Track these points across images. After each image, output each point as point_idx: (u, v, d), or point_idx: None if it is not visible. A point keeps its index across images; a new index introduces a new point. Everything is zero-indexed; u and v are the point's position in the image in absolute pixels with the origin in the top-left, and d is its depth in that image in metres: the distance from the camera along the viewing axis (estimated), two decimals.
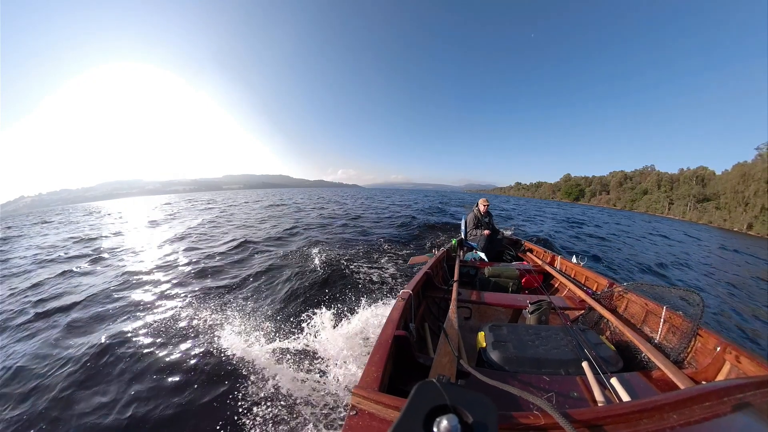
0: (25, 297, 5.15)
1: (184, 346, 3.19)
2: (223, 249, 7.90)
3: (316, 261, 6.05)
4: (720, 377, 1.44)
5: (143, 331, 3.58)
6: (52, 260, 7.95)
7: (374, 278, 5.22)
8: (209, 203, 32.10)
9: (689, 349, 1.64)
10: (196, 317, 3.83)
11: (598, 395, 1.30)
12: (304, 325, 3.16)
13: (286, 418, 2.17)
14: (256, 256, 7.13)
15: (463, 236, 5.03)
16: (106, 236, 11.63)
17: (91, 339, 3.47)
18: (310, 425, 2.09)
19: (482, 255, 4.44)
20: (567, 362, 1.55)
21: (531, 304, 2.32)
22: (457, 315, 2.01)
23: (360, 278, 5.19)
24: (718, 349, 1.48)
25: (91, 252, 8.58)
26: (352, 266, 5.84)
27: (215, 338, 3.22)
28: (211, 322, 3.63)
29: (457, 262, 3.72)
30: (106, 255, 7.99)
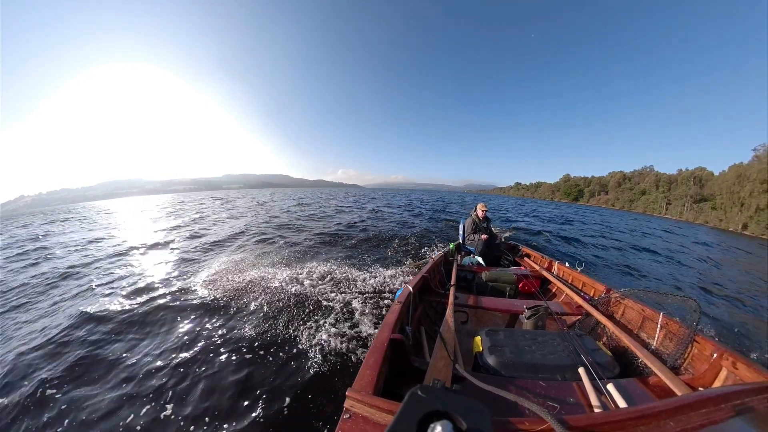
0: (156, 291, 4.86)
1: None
2: (306, 236, 9.20)
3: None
4: (717, 384, 1.44)
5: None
6: (122, 254, 7.63)
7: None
8: (226, 202, 31.49)
9: (686, 356, 1.64)
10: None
11: (594, 401, 1.30)
12: None
13: None
14: (341, 241, 8.60)
15: (461, 240, 5.03)
16: (157, 232, 11.29)
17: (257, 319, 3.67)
18: None
19: (480, 259, 4.44)
20: (563, 368, 1.54)
21: (528, 309, 2.32)
22: (454, 319, 2.01)
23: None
24: (715, 355, 1.49)
25: (164, 246, 8.40)
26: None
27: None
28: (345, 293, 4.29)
29: (454, 266, 3.71)
30: (190, 251, 7.74)
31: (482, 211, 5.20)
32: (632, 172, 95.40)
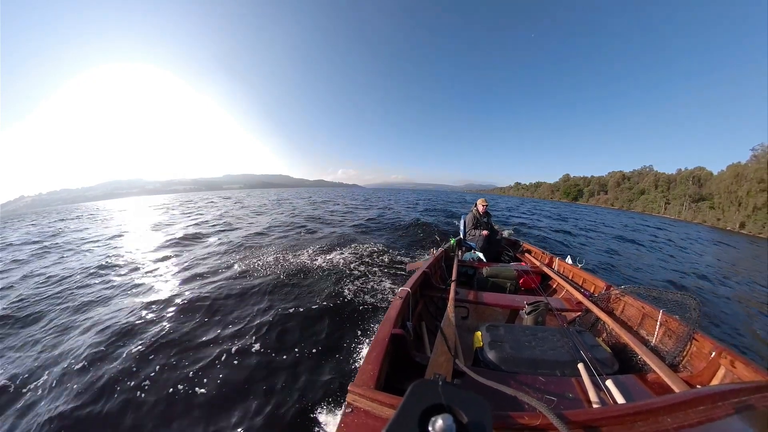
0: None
1: None
2: (339, 228, 10.61)
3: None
4: (715, 381, 1.44)
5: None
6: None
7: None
8: (237, 201, 31.25)
9: (685, 353, 1.64)
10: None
11: (593, 397, 1.30)
12: None
13: None
14: (371, 231, 10.23)
15: (461, 236, 5.02)
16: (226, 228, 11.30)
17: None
18: None
19: (480, 255, 4.44)
20: (563, 363, 1.55)
21: (528, 304, 2.33)
22: (455, 314, 2.01)
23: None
24: (714, 353, 1.49)
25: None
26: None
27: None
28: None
29: (455, 261, 3.71)
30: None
31: (482, 206, 5.18)
32: (632, 171, 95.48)
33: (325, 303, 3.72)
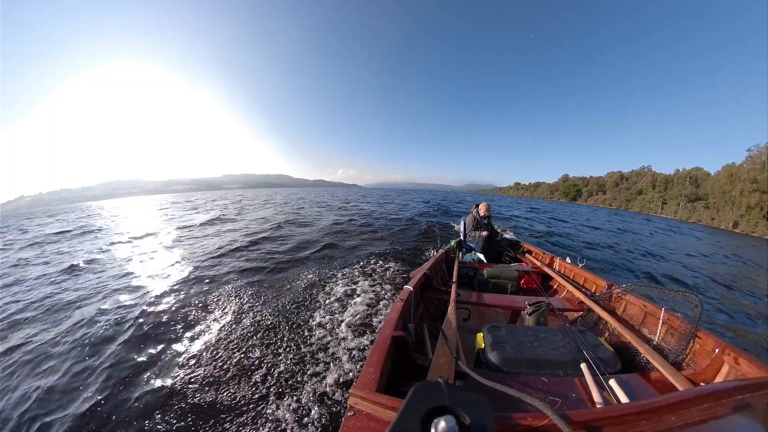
0: None
1: None
2: (396, 221, 12.64)
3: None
4: (718, 379, 1.44)
5: None
6: None
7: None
8: (265, 201, 30.58)
9: (688, 351, 1.64)
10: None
11: (596, 396, 1.29)
12: None
13: None
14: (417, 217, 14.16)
15: (462, 237, 5.02)
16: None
17: None
18: None
19: (481, 256, 4.44)
20: (565, 363, 1.54)
21: (530, 305, 2.32)
22: (456, 316, 2.01)
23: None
24: (717, 350, 1.48)
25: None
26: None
27: None
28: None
29: (456, 263, 3.70)
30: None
31: (484, 209, 5.19)
32: (630, 172, 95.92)
33: None
